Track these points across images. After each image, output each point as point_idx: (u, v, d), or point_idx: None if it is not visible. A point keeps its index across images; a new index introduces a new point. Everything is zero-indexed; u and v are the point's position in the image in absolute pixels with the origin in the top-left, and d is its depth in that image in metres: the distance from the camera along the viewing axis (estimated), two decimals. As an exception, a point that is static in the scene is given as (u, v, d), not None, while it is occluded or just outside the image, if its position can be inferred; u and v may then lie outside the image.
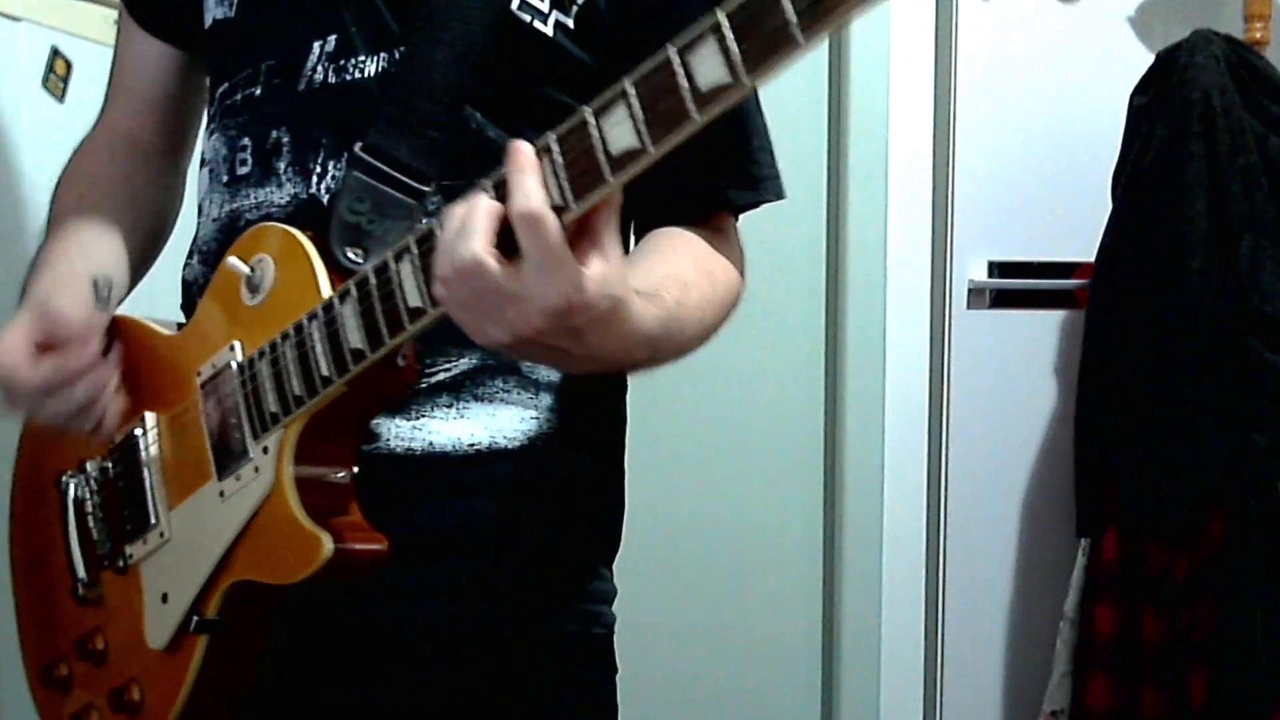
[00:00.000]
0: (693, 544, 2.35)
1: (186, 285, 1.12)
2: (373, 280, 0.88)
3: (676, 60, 0.73)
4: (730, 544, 2.38)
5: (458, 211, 0.80)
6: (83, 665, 1.09)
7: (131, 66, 1.20)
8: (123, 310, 1.17)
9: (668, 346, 0.93)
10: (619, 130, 0.76)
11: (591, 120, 0.76)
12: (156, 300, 1.20)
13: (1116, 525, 2.22)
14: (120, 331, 1.12)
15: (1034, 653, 2.43)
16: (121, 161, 1.19)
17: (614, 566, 1.14)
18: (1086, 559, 2.28)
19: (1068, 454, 2.35)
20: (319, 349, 0.91)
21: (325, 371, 0.91)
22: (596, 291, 0.78)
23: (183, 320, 1.13)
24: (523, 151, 0.78)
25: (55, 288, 1.06)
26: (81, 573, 1.09)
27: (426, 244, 0.85)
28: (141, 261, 1.19)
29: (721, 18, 0.72)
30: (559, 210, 0.78)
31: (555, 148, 0.78)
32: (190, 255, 1.13)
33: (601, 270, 0.79)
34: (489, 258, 0.78)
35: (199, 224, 1.12)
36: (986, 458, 2.46)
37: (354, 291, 0.90)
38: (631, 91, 0.75)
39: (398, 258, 0.87)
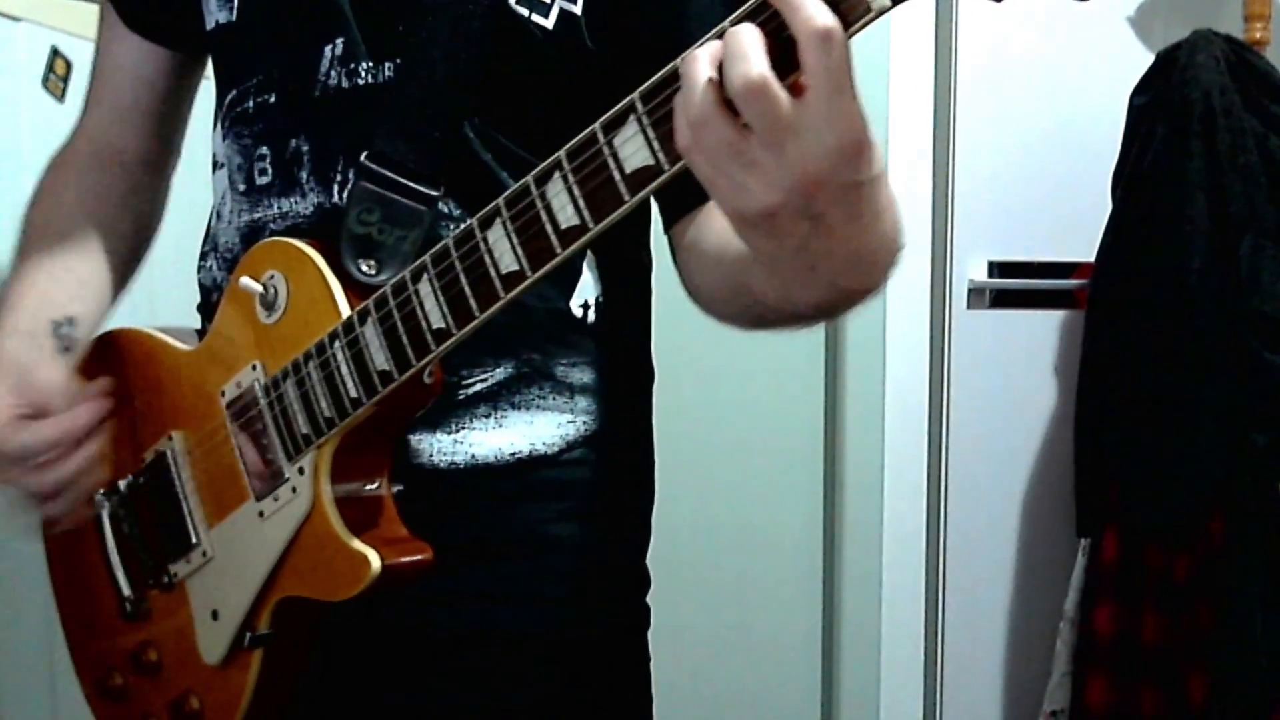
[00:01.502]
0: (692, 544, 2.35)
1: (205, 290, 1.12)
2: (392, 301, 0.88)
3: None
4: (730, 544, 2.38)
5: (702, 51, 0.69)
6: (137, 677, 1.10)
7: (115, 71, 1.17)
8: (124, 311, 1.17)
9: (889, 251, 0.79)
10: None
11: None
12: (157, 302, 1.20)
13: (1116, 525, 2.22)
14: (131, 346, 1.12)
15: (1034, 653, 2.43)
16: (96, 174, 1.16)
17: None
18: (1086, 559, 2.28)
19: (1068, 454, 2.35)
20: (345, 371, 0.91)
21: (354, 394, 0.91)
22: (875, 139, 0.68)
23: (196, 323, 1.13)
24: None
25: (20, 347, 1.05)
26: (126, 590, 1.09)
27: (444, 263, 0.85)
28: (119, 277, 1.17)
29: None
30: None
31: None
32: (205, 258, 1.12)
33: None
34: (775, 80, 0.66)
35: (216, 227, 1.11)
36: (986, 458, 2.46)
37: (374, 312, 0.89)
38: None
39: (415, 277, 0.86)
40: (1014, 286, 2.46)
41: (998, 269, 2.45)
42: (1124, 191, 2.25)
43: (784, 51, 0.67)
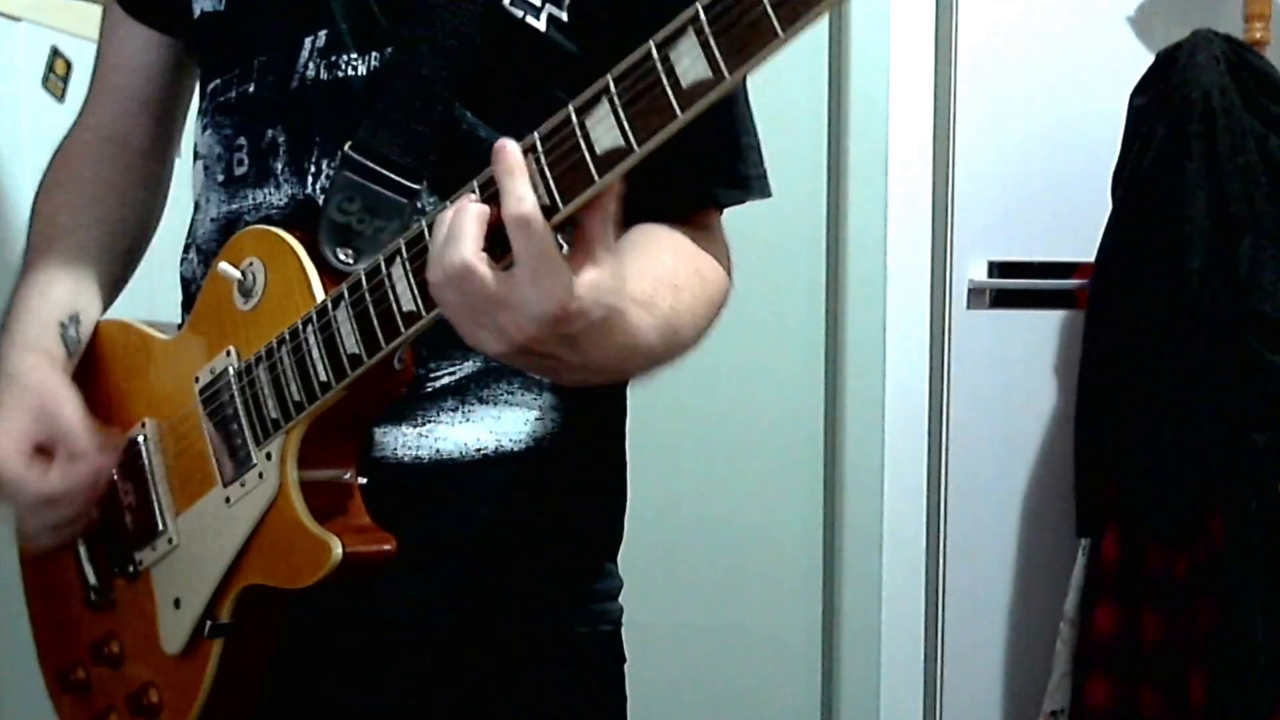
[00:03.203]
0: (692, 543, 2.35)
1: (185, 282, 1.12)
2: (365, 284, 0.88)
3: (656, 56, 0.72)
4: (730, 544, 2.38)
5: (445, 216, 0.79)
6: (99, 669, 1.10)
7: (118, 60, 1.18)
8: (121, 307, 1.17)
9: (663, 354, 0.92)
10: (603, 129, 0.75)
11: (574, 119, 0.76)
12: (157, 299, 1.20)
13: (1116, 525, 2.22)
14: (113, 337, 1.12)
15: (1034, 653, 2.43)
16: (104, 166, 1.17)
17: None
18: (1086, 559, 2.28)
19: (1068, 454, 2.35)
20: (316, 354, 0.91)
21: (324, 377, 0.91)
22: (590, 298, 0.77)
23: (180, 319, 1.13)
24: (510, 152, 0.77)
25: (36, 368, 1.06)
26: (92, 579, 1.09)
27: (417, 246, 0.85)
28: (123, 270, 1.18)
29: (700, 10, 0.71)
30: (547, 211, 0.77)
31: (540, 147, 0.77)
32: (187, 250, 1.12)
33: (595, 276, 0.78)
34: (479, 263, 0.77)
35: (195, 220, 1.11)
36: (986, 458, 2.46)
37: (346, 295, 0.89)
38: (613, 89, 0.74)
39: (389, 261, 0.86)
40: (1014, 286, 2.46)
41: (998, 269, 2.45)
42: (1124, 191, 2.25)
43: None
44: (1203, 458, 2.13)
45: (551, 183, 0.77)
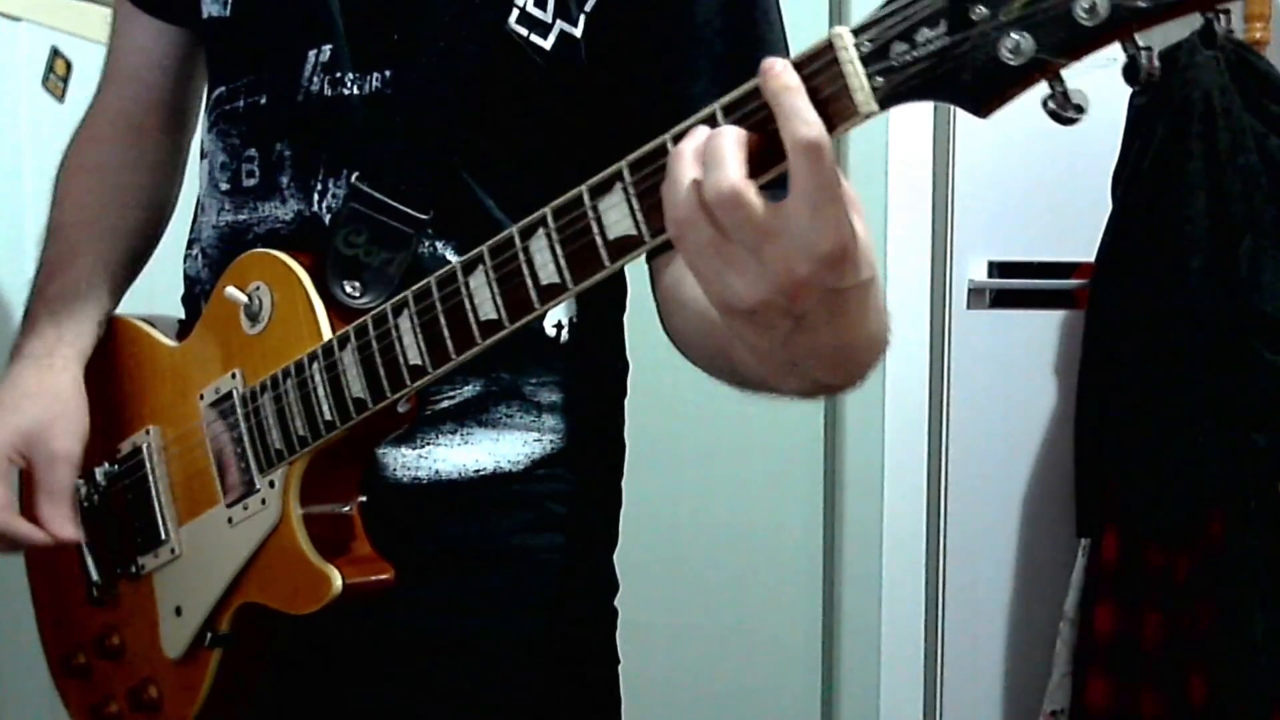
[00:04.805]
0: (693, 544, 2.35)
1: (189, 280, 1.12)
2: (372, 331, 0.88)
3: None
4: (730, 544, 2.38)
5: (688, 146, 0.69)
6: (100, 660, 1.11)
7: (128, 49, 1.18)
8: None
9: (880, 355, 0.81)
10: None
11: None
12: (156, 297, 1.20)
13: (1116, 525, 2.22)
14: (121, 334, 1.12)
15: (1034, 653, 2.43)
16: (121, 151, 1.18)
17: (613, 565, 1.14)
18: (1086, 559, 2.28)
19: (1068, 454, 2.35)
20: (321, 393, 0.92)
21: (329, 417, 0.92)
22: (865, 245, 0.68)
23: (182, 313, 1.14)
24: (784, 71, 0.66)
25: (64, 376, 1.06)
26: (95, 576, 1.10)
27: (425, 301, 0.85)
28: (140, 256, 1.19)
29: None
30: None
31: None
32: (191, 246, 1.12)
33: (860, 227, 0.68)
34: (750, 188, 0.66)
35: (200, 220, 1.11)
36: (986, 458, 2.45)
37: (354, 339, 0.90)
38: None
39: (396, 312, 0.87)
40: (1014, 286, 2.46)
41: (998, 269, 2.45)
42: (1124, 191, 2.25)
43: (771, 143, 0.67)
44: (1203, 458, 2.13)
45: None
